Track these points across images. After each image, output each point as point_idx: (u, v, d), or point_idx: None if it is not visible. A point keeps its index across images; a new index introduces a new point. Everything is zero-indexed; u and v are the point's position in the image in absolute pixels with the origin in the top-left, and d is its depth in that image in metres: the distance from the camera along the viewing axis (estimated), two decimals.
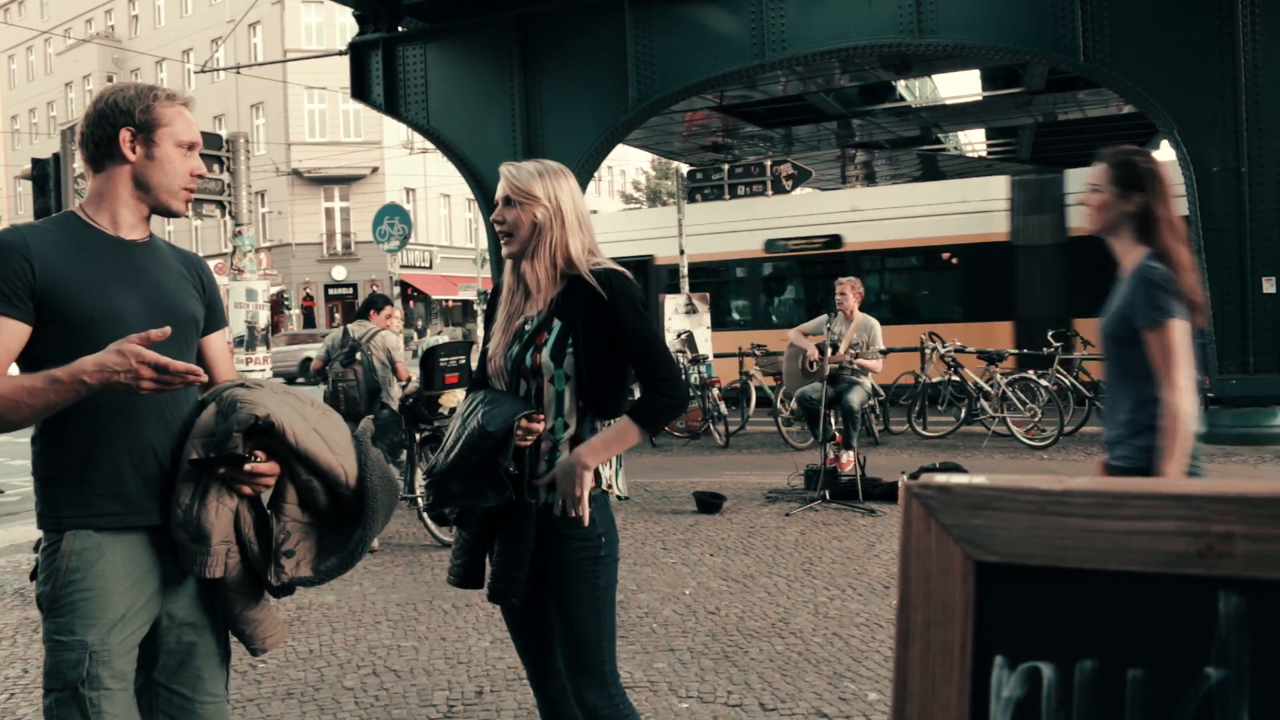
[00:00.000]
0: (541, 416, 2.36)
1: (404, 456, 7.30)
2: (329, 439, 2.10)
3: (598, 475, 2.44)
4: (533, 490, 2.39)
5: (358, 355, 7.12)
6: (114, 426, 1.99)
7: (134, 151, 2.07)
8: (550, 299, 2.44)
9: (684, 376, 12.12)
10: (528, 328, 2.45)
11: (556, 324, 2.40)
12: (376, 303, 7.55)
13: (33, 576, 2.06)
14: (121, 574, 1.99)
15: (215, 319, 2.25)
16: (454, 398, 7.14)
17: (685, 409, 2.49)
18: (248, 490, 2.07)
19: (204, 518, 2.01)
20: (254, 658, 4.50)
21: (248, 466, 2.01)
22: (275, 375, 14.95)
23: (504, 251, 2.51)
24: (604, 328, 2.37)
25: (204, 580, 2.11)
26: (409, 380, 7.39)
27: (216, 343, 2.26)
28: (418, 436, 7.10)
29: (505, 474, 2.33)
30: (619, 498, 2.52)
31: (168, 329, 1.87)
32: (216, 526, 2.02)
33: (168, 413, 2.05)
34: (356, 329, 7.30)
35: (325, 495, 2.11)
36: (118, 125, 2.06)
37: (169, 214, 2.14)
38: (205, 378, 1.93)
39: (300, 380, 23.56)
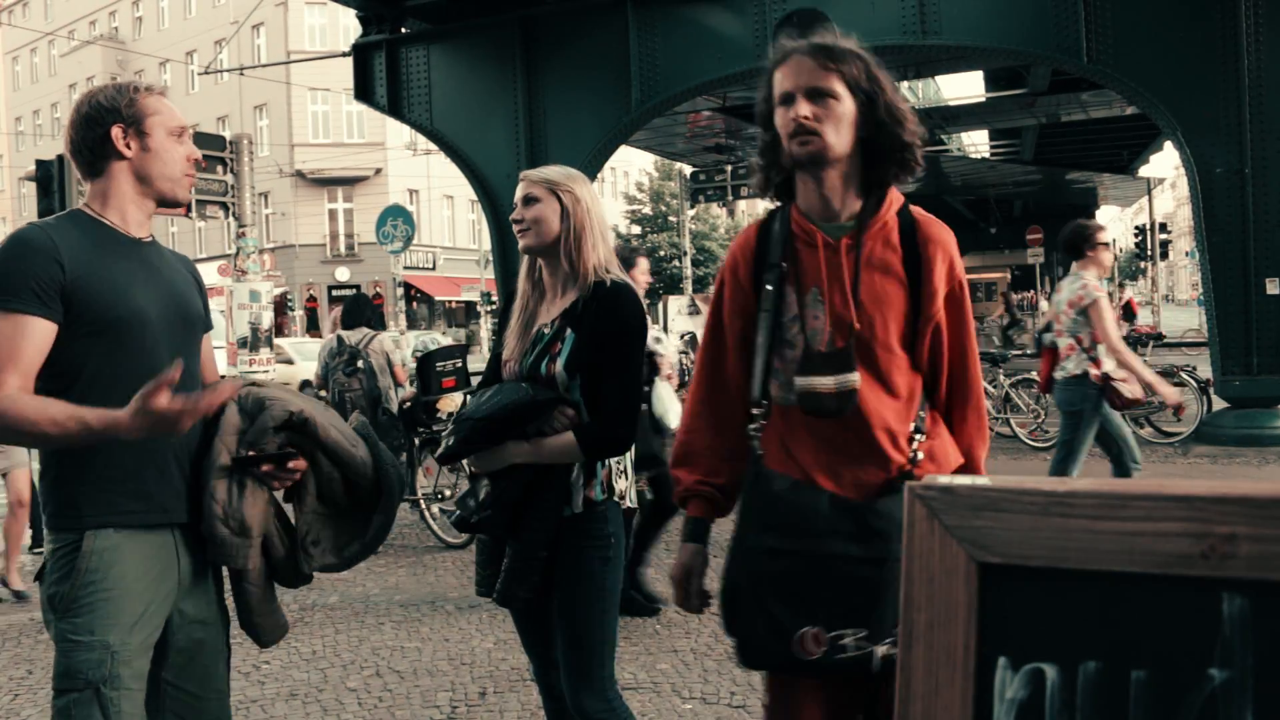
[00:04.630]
0: (572, 411, 2.38)
1: (403, 459, 7.27)
2: (343, 431, 2.18)
3: (610, 486, 2.44)
4: (567, 502, 2.39)
5: (359, 363, 6.94)
6: None
7: (129, 147, 2.05)
8: (565, 307, 2.43)
9: (687, 379, 12.11)
10: (544, 333, 2.45)
11: (570, 335, 2.39)
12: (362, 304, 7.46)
13: (38, 577, 2.05)
14: (140, 573, 1.99)
15: (206, 320, 2.27)
16: (451, 402, 7.09)
17: (623, 452, 2.44)
18: (277, 485, 2.12)
19: (246, 511, 2.05)
20: (257, 659, 4.52)
21: (290, 463, 2.08)
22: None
23: (521, 245, 2.50)
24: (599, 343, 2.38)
25: (214, 576, 2.14)
26: (407, 382, 7.31)
27: (206, 344, 2.29)
28: (416, 441, 7.05)
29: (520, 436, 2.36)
30: (630, 507, 2.53)
31: (178, 370, 1.85)
32: (255, 519, 2.07)
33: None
34: (351, 335, 7.15)
35: (343, 486, 2.18)
36: (107, 124, 2.04)
37: (175, 204, 2.13)
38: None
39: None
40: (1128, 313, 26.68)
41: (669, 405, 4.84)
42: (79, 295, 1.95)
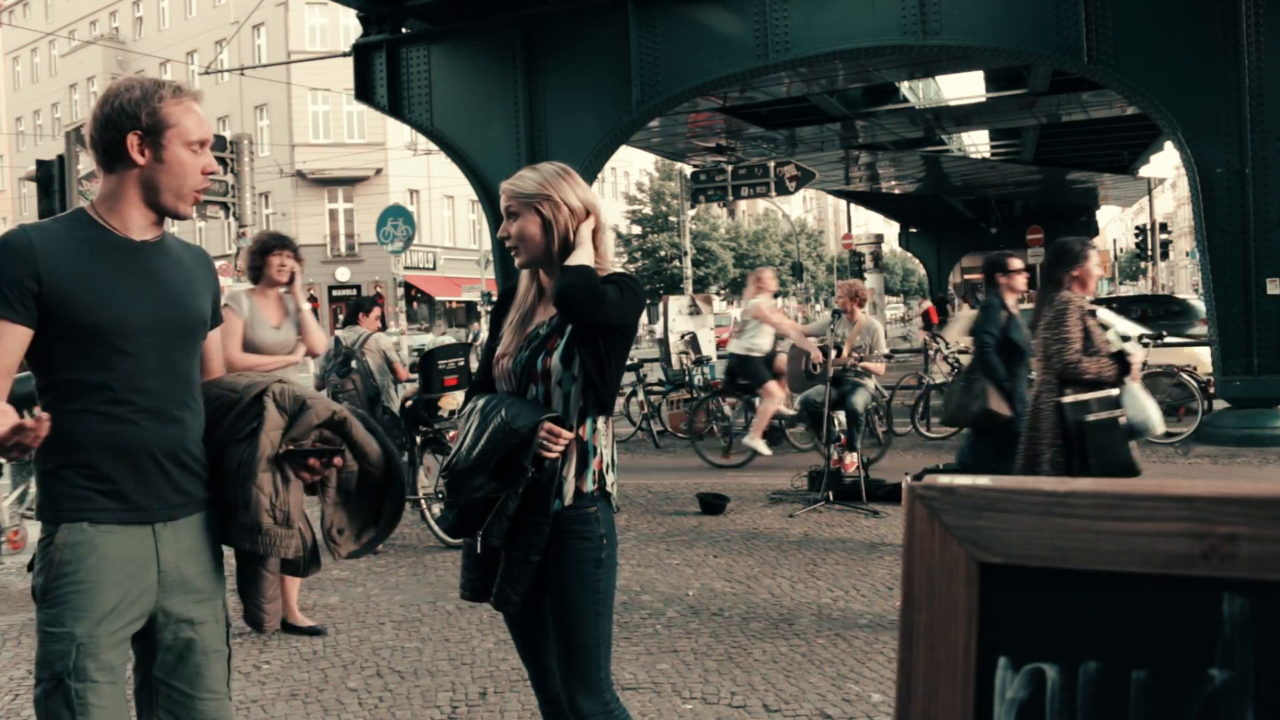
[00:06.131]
0: (562, 430, 2.35)
1: (405, 458, 7.26)
2: (366, 428, 2.28)
3: (602, 479, 2.44)
4: (558, 494, 2.39)
5: (353, 363, 6.94)
6: (106, 425, 2.01)
7: (142, 155, 2.04)
8: None
9: (687, 378, 12.13)
10: (540, 332, 2.44)
11: (569, 330, 2.40)
12: (365, 305, 7.41)
13: (30, 568, 2.08)
14: (114, 568, 2.01)
15: (216, 315, 2.28)
16: (453, 400, 7.09)
17: (593, 310, 2.37)
18: (309, 478, 2.18)
19: (291, 503, 2.13)
20: (257, 659, 4.52)
21: (337, 460, 2.17)
22: None
23: (517, 263, 2.49)
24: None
25: (216, 577, 2.16)
26: (408, 380, 7.31)
27: (213, 339, 2.30)
28: (418, 439, 7.05)
29: (524, 472, 2.34)
30: (617, 507, 2.53)
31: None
32: (297, 510, 2.16)
33: (163, 412, 2.07)
34: (347, 335, 7.13)
35: (358, 478, 2.26)
36: (124, 130, 2.03)
37: (175, 217, 2.13)
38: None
39: None
40: (926, 322, 26.35)
41: (1147, 408, 4.44)
42: (56, 301, 1.96)
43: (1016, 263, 5.89)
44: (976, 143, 31.48)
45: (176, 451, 2.07)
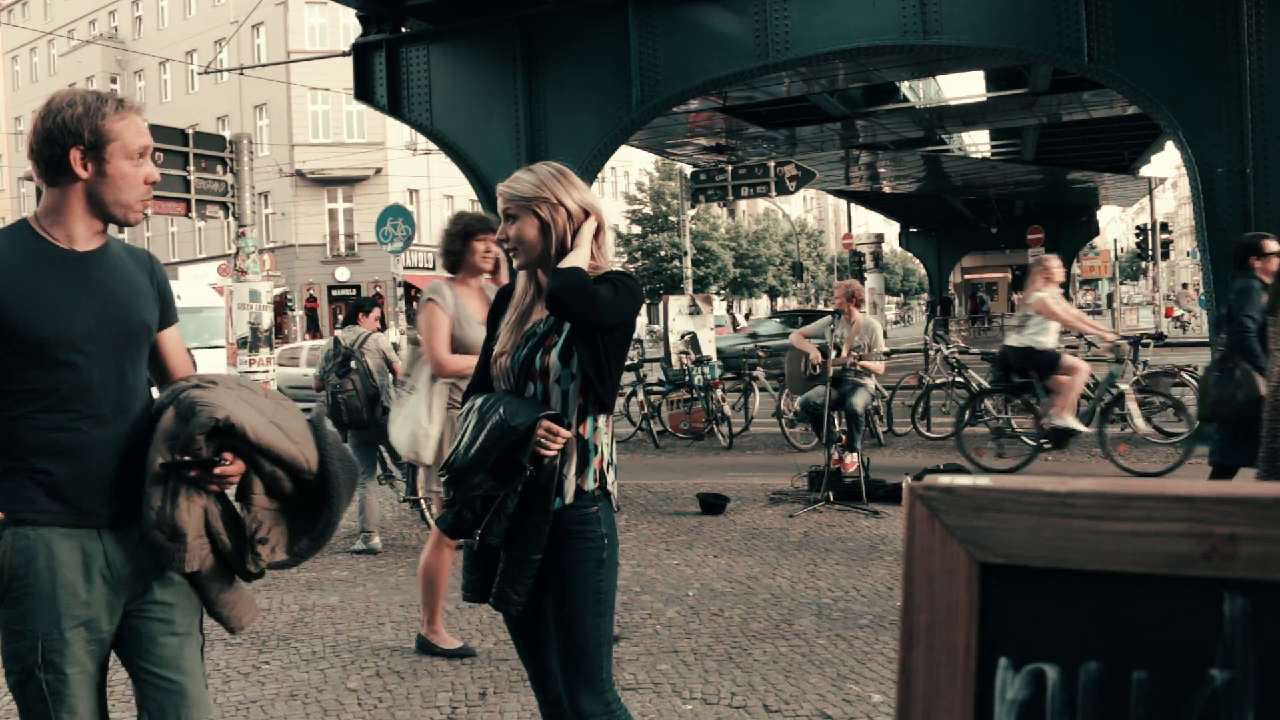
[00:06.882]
0: (560, 428, 2.35)
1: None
2: (287, 429, 2.16)
3: (603, 478, 2.44)
4: (558, 493, 2.39)
5: (352, 363, 6.94)
6: (53, 433, 2.03)
7: (85, 170, 2.05)
8: None
9: (687, 378, 12.13)
10: (538, 329, 2.44)
11: (567, 326, 2.40)
12: (365, 305, 7.42)
13: None
14: (62, 568, 2.03)
15: (168, 315, 2.27)
16: None
17: (586, 308, 2.35)
18: (215, 488, 2.12)
19: (178, 517, 2.06)
20: (257, 659, 4.52)
21: (217, 470, 2.07)
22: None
23: (515, 264, 2.50)
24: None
25: (170, 572, 2.17)
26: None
27: (171, 338, 2.29)
28: None
29: (522, 470, 2.33)
30: (617, 506, 2.53)
31: None
32: (190, 524, 2.08)
33: (108, 419, 2.08)
34: (347, 336, 7.14)
35: (290, 482, 2.17)
36: (67, 146, 2.03)
37: (123, 224, 2.14)
38: None
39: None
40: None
41: None
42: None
43: (1272, 244, 5.54)
44: (977, 142, 31.50)
45: (124, 457, 2.09)
